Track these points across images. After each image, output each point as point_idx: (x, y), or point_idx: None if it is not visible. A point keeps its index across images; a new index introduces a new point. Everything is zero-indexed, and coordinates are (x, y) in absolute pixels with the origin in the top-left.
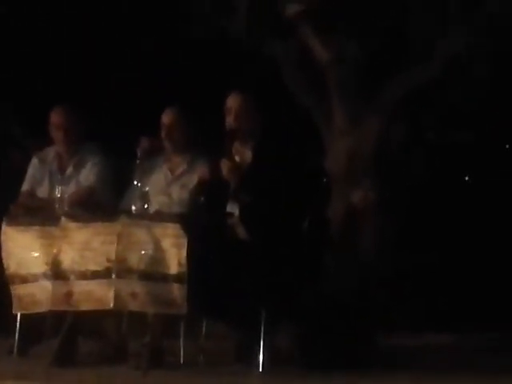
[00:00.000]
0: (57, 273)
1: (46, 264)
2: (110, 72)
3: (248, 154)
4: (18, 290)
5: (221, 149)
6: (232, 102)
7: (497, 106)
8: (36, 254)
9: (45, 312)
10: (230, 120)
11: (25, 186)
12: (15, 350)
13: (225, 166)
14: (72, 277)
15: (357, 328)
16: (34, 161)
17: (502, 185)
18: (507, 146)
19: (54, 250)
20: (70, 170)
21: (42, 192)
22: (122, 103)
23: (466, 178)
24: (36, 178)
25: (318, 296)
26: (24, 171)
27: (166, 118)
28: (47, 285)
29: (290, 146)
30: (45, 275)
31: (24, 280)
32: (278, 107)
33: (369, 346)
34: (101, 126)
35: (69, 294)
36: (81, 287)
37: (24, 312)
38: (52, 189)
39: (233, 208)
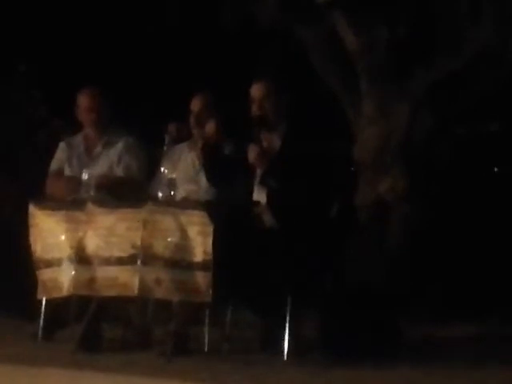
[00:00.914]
0: (81, 257)
1: (71, 248)
2: (138, 56)
3: (276, 141)
4: (42, 275)
5: (249, 135)
6: (255, 91)
7: None
8: (61, 239)
9: (69, 297)
10: (254, 108)
11: (53, 167)
12: (40, 335)
13: (252, 152)
14: (96, 262)
15: (382, 318)
16: (62, 145)
17: None
18: None
19: (79, 235)
20: (98, 149)
21: (69, 174)
22: (150, 89)
23: (495, 169)
24: (63, 160)
25: (343, 285)
26: (51, 152)
27: (195, 104)
28: (70, 269)
29: (318, 133)
30: (68, 260)
31: (48, 264)
32: (306, 94)
33: (394, 337)
34: (128, 110)
35: (92, 280)
36: (104, 273)
37: (47, 297)
38: (79, 172)
39: (260, 196)
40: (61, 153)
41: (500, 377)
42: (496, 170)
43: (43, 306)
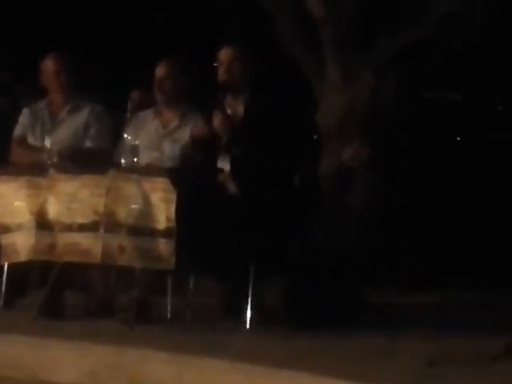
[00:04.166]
0: (41, 223)
1: (31, 214)
2: (103, 22)
3: (240, 108)
4: (2, 240)
5: (213, 102)
6: (223, 55)
7: (491, 65)
8: (21, 204)
9: (31, 264)
10: (221, 73)
11: (16, 132)
12: (1, 302)
13: (217, 119)
14: (57, 228)
15: (346, 286)
16: (25, 110)
17: (495, 144)
18: (499, 108)
19: (40, 201)
20: (63, 115)
21: (33, 141)
22: (114, 55)
23: (458, 138)
24: (26, 126)
25: (307, 253)
26: (13, 119)
27: (159, 70)
28: (30, 235)
29: (282, 100)
30: (29, 225)
31: (8, 230)
32: (271, 61)
33: (357, 305)
34: (91, 77)
35: (52, 246)
36: (66, 239)
37: (7, 262)
38: (42, 138)
39: (223, 163)
40: (24, 118)
41: (461, 343)
42: (459, 138)
43: (4, 273)
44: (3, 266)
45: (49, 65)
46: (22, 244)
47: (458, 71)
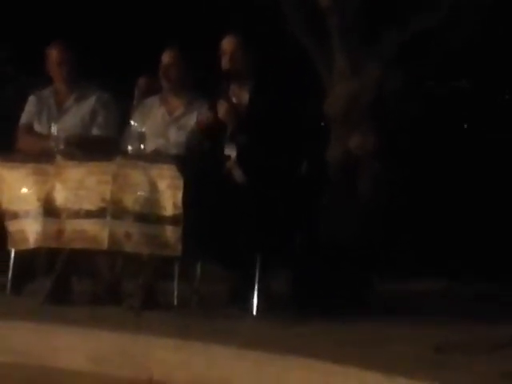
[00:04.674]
0: (48, 210)
1: (38, 201)
2: (109, 9)
3: (245, 96)
4: (10, 227)
5: (218, 90)
6: (226, 44)
7: (497, 55)
8: (29, 191)
9: (38, 250)
10: (225, 62)
11: (23, 120)
12: (8, 287)
13: (222, 108)
14: (64, 215)
15: (353, 273)
16: (31, 98)
17: (501, 133)
18: (507, 97)
19: (47, 188)
20: (69, 103)
21: (39, 128)
22: (120, 43)
23: (465, 126)
24: (33, 113)
25: (314, 240)
26: (19, 108)
27: (165, 57)
28: (37, 222)
29: (287, 87)
30: (36, 212)
31: (15, 216)
32: (276, 49)
33: (365, 291)
34: (98, 64)
35: (60, 232)
36: (73, 226)
37: (15, 248)
38: (49, 125)
39: (230, 150)
40: (30, 106)
41: (466, 331)
42: (466, 126)
43: (12, 259)
44: (10, 251)
45: (53, 53)
46: (30, 231)
47: (464, 63)
